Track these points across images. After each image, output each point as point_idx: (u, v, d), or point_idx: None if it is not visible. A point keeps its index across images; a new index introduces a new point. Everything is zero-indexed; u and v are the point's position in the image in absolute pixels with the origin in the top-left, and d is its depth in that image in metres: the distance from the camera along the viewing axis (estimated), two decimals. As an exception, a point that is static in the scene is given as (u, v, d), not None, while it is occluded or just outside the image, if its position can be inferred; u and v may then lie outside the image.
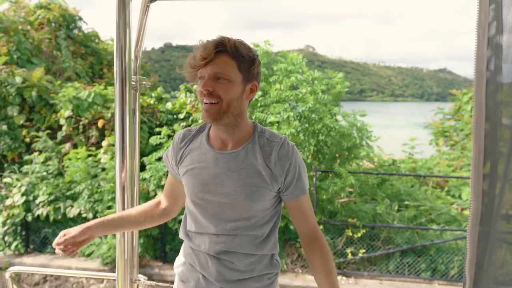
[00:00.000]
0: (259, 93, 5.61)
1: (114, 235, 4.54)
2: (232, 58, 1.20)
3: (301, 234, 1.33)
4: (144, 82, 1.75)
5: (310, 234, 1.31)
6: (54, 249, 1.35)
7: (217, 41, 1.20)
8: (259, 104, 5.55)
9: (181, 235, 1.42)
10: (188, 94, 7.13)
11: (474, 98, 0.57)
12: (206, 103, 1.21)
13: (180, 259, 1.43)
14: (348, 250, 5.20)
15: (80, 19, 10.28)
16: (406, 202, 5.78)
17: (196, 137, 1.35)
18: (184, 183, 1.34)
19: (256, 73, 1.26)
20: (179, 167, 1.35)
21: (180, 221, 5.22)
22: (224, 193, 1.26)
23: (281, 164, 1.25)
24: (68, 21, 9.90)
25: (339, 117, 5.77)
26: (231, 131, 1.26)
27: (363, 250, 5.18)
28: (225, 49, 1.19)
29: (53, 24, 9.67)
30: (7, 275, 1.87)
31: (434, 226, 5.39)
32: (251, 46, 1.28)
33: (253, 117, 5.32)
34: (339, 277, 5.01)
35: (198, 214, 1.32)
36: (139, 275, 1.73)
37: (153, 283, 1.78)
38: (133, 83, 1.67)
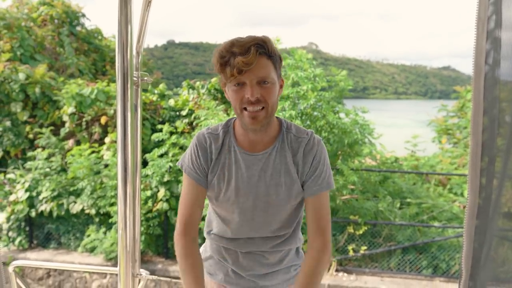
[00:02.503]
0: None
1: (116, 230, 4.55)
2: (268, 59, 1.15)
3: (311, 235, 1.25)
4: (146, 78, 1.75)
5: (320, 239, 1.24)
6: (58, 244, 1.34)
7: (256, 43, 1.12)
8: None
9: (207, 235, 1.40)
10: (190, 91, 7.14)
11: (472, 92, 0.57)
12: (252, 111, 1.14)
13: (206, 253, 1.42)
14: (350, 247, 5.21)
15: (83, 15, 10.30)
16: (408, 200, 5.77)
17: (224, 138, 1.28)
18: (216, 189, 1.28)
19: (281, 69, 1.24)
20: (210, 172, 1.28)
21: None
22: (259, 195, 1.23)
23: (306, 160, 1.23)
24: (71, 17, 9.92)
25: (341, 115, 5.76)
26: (264, 131, 1.22)
27: (365, 247, 5.19)
28: (264, 51, 1.13)
29: (56, 21, 9.70)
30: (10, 269, 1.88)
31: (436, 224, 5.39)
32: None
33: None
34: (340, 274, 5.02)
35: (230, 218, 1.29)
36: (141, 270, 1.73)
37: (154, 277, 1.79)
38: (134, 79, 1.68)
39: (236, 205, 1.26)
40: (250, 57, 1.09)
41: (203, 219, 1.43)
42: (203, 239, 1.46)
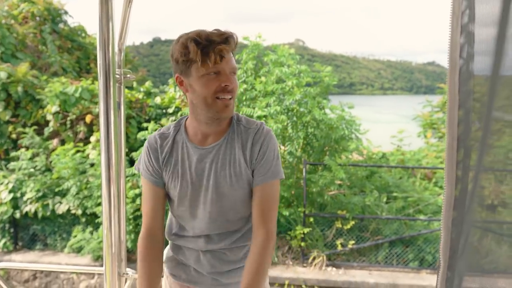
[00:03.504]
0: (244, 86, 5.60)
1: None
2: (233, 53, 1.22)
3: (254, 226, 1.24)
4: (128, 75, 1.74)
5: (262, 230, 1.21)
6: (44, 245, 1.32)
7: (231, 35, 1.17)
8: (244, 98, 5.54)
9: (168, 236, 1.40)
10: (177, 88, 7.09)
11: (448, 85, 0.59)
12: (225, 99, 1.19)
13: (168, 253, 1.43)
14: (338, 242, 5.26)
15: (66, 13, 10.11)
16: (395, 194, 5.85)
17: (175, 137, 1.31)
18: (170, 186, 1.30)
19: None
20: (163, 171, 1.30)
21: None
22: (210, 187, 1.25)
23: (254, 149, 1.24)
24: (53, 15, 9.73)
25: (327, 111, 5.80)
26: (218, 123, 1.25)
27: (353, 242, 5.25)
28: (234, 44, 1.19)
29: (37, 18, 9.50)
30: (-7, 271, 1.85)
31: (422, 217, 5.48)
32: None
33: (240, 112, 5.32)
34: (329, 268, 5.07)
35: (187, 215, 1.31)
36: (127, 269, 1.72)
37: (141, 276, 1.78)
38: (117, 76, 1.66)
39: (190, 200, 1.28)
40: (229, 46, 1.15)
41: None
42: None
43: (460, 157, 0.59)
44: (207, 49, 1.14)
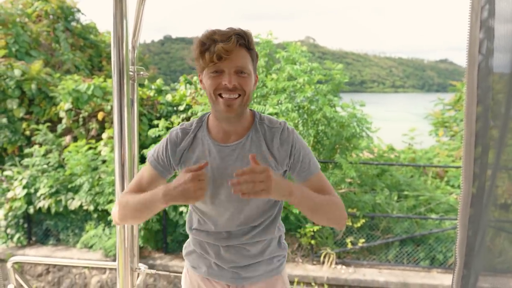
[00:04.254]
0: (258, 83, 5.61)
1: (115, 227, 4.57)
2: (247, 51, 1.20)
3: None
4: (142, 72, 1.75)
5: None
6: (57, 241, 1.34)
7: (237, 33, 1.16)
8: (255, 95, 5.54)
9: (189, 230, 1.42)
10: (188, 86, 7.12)
11: (466, 81, 0.58)
12: (229, 98, 1.18)
13: (189, 247, 1.44)
14: (348, 240, 5.24)
15: (78, 11, 10.22)
16: (406, 192, 5.80)
17: (196, 133, 1.31)
18: None
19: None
20: (180, 164, 1.30)
21: (181, 213, 5.26)
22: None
23: (284, 149, 1.26)
24: (66, 13, 9.84)
25: (338, 109, 5.77)
26: (238, 121, 1.25)
27: (363, 240, 5.22)
28: (244, 42, 1.17)
29: (51, 16, 9.62)
30: (8, 265, 1.89)
31: (433, 216, 5.42)
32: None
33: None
34: (339, 266, 5.06)
35: (208, 211, 1.31)
36: (140, 264, 1.75)
37: (153, 271, 1.81)
38: (130, 73, 1.67)
39: (212, 197, 1.28)
40: (230, 45, 1.13)
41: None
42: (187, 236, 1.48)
43: (477, 154, 0.59)
44: (208, 48, 1.15)
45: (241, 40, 1.16)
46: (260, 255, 1.34)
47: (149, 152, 1.36)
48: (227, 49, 1.13)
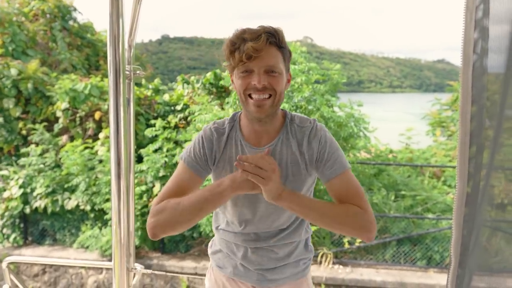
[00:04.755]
0: None
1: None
2: (278, 49, 1.16)
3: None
4: (138, 72, 1.74)
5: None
6: (53, 240, 1.31)
7: (267, 31, 1.13)
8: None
9: (215, 229, 1.40)
10: (185, 85, 7.11)
11: (461, 81, 0.58)
12: (258, 99, 1.15)
13: (215, 246, 1.43)
14: (345, 240, 5.25)
15: (75, 9, 10.19)
16: (403, 192, 5.81)
17: (230, 133, 1.28)
18: None
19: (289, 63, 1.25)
20: (215, 164, 1.27)
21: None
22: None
23: (312, 147, 1.23)
24: (63, 12, 9.80)
25: (336, 109, 5.77)
26: (270, 122, 1.22)
27: (360, 240, 5.23)
28: (274, 41, 1.14)
29: (48, 15, 9.58)
30: (4, 265, 1.88)
31: (430, 215, 5.44)
32: None
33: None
34: (336, 266, 5.06)
35: (238, 213, 1.29)
36: (136, 264, 1.74)
37: (149, 271, 1.80)
38: (127, 72, 1.67)
39: (243, 199, 1.25)
40: (259, 44, 1.10)
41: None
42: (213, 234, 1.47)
43: (472, 153, 0.59)
44: (238, 48, 1.12)
45: (272, 38, 1.13)
46: (287, 257, 1.33)
47: (182, 154, 1.30)
48: (256, 48, 1.10)
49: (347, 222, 1.16)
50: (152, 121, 6.09)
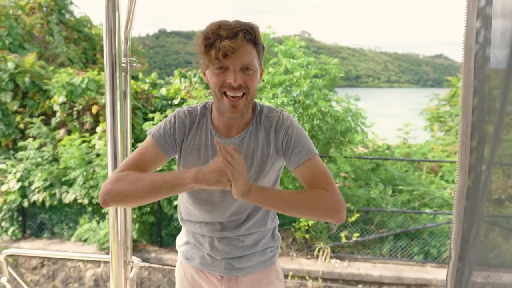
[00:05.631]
0: None
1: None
2: (253, 46, 1.15)
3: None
4: (134, 64, 1.73)
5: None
6: (51, 234, 1.29)
7: (244, 29, 1.10)
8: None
9: (182, 221, 1.41)
10: (182, 79, 7.08)
11: (463, 72, 0.57)
12: (233, 97, 1.14)
13: (182, 239, 1.44)
14: (342, 234, 5.26)
15: (71, 3, 10.10)
16: (400, 187, 5.82)
17: (201, 120, 1.28)
18: (186, 166, 1.26)
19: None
20: (182, 147, 1.26)
21: (175, 206, 5.24)
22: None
23: (278, 136, 1.24)
24: (60, 5, 9.72)
25: (333, 103, 5.76)
26: (241, 116, 1.22)
27: (357, 234, 5.24)
28: (250, 38, 1.12)
29: (44, 9, 9.50)
30: (1, 257, 1.87)
31: (427, 210, 5.45)
32: None
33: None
34: (333, 260, 5.08)
35: (203, 202, 1.30)
36: (133, 257, 1.74)
37: (146, 264, 1.80)
38: (123, 65, 1.65)
39: (199, 190, 1.24)
40: (237, 42, 1.08)
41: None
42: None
43: (473, 146, 0.58)
44: (213, 44, 1.10)
45: (248, 35, 1.11)
46: (253, 246, 1.34)
47: (152, 129, 1.28)
48: (233, 47, 1.08)
49: (315, 207, 1.16)
50: (150, 115, 6.07)
